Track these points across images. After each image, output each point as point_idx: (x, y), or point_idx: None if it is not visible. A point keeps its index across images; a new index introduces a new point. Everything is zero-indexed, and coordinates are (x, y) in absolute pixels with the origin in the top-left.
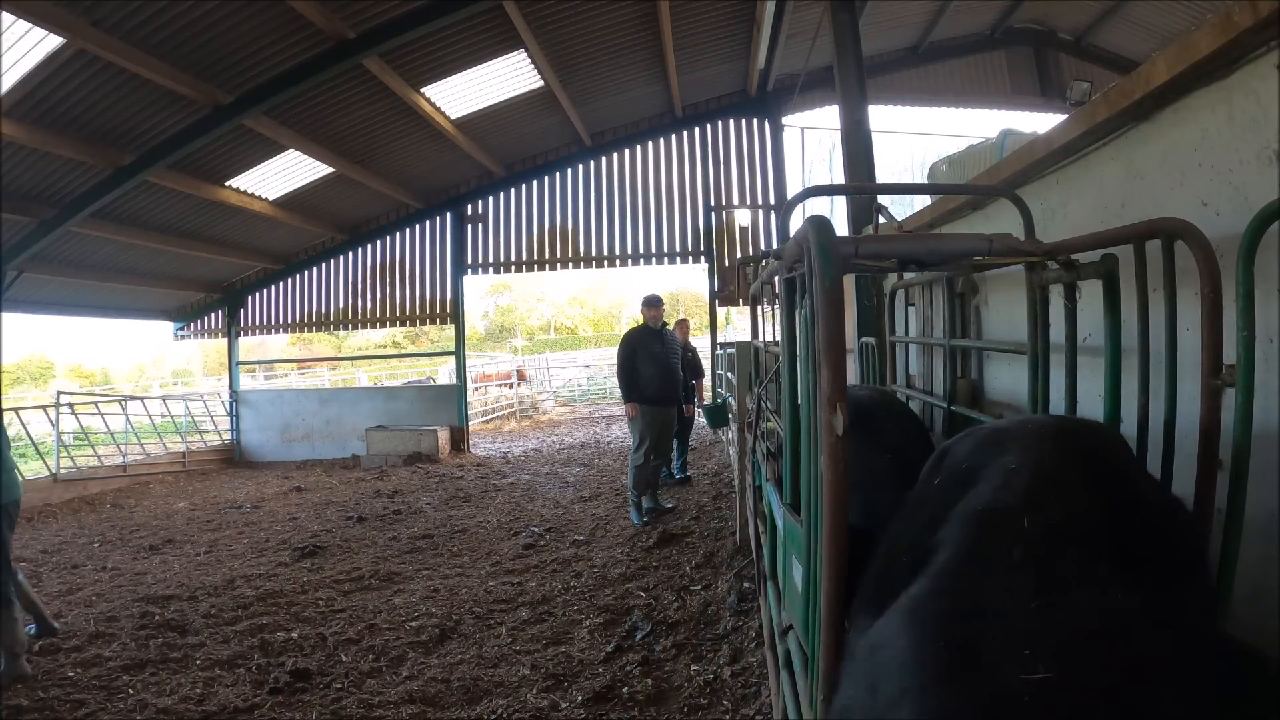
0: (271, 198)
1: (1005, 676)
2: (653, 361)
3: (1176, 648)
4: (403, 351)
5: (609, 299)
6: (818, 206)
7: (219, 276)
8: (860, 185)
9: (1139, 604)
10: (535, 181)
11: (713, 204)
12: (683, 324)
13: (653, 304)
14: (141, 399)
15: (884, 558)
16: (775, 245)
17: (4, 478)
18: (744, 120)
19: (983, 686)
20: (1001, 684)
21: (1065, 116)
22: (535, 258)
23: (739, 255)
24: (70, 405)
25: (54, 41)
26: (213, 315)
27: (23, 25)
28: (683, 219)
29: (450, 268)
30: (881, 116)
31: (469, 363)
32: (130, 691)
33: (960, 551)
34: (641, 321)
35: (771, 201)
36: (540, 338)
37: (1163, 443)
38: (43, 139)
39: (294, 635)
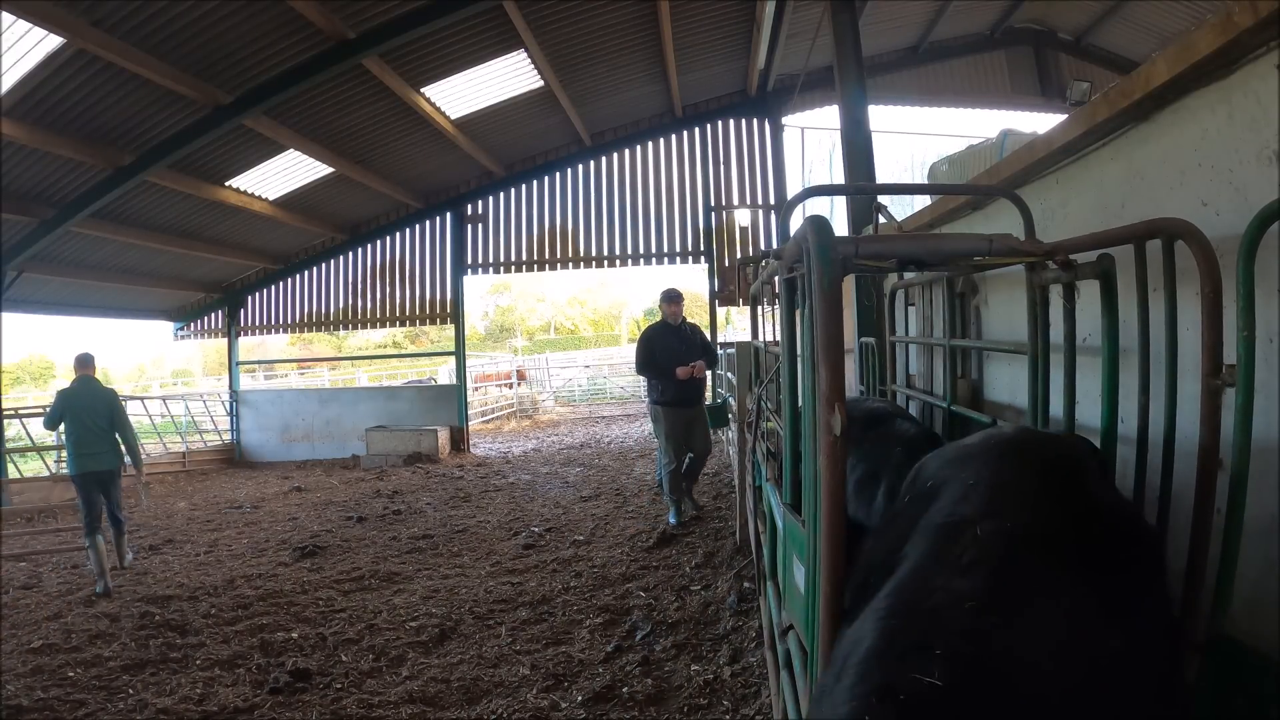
0: (271, 198)
1: (927, 669)
2: (671, 360)
3: (1124, 651)
4: (403, 351)
5: (609, 299)
6: (818, 206)
7: (219, 276)
8: (860, 185)
9: (1089, 607)
10: (535, 181)
11: (713, 204)
12: None
13: (671, 299)
14: (141, 399)
15: (861, 572)
16: (775, 245)
17: (72, 456)
18: (744, 120)
19: (905, 674)
20: (917, 674)
21: (1065, 116)
22: (535, 258)
23: (739, 255)
24: None
25: (54, 41)
26: (213, 315)
27: (23, 25)
28: (683, 219)
29: (450, 268)
30: (881, 116)
31: (469, 363)
32: (130, 691)
33: (919, 559)
34: (660, 317)
35: (771, 201)
36: (540, 338)
37: (1163, 443)
38: (43, 139)
39: (294, 635)
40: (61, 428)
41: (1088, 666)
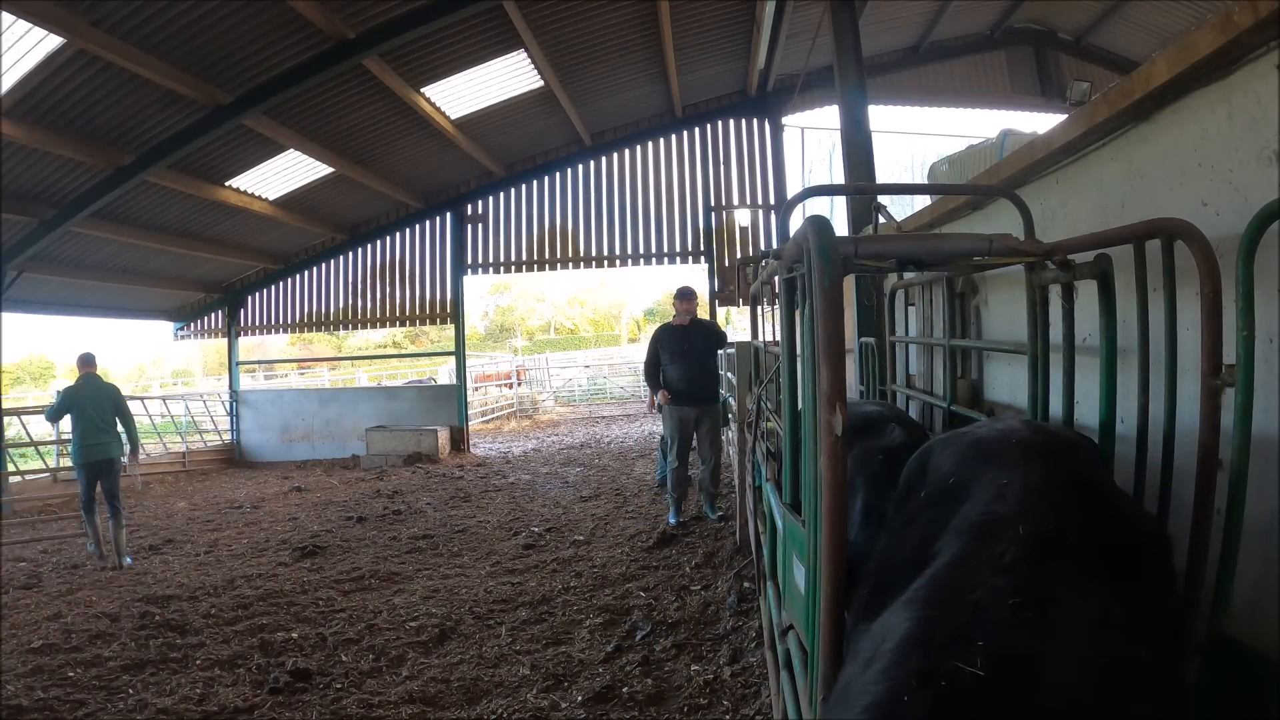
0: (271, 198)
1: (967, 659)
2: (675, 359)
3: (1147, 652)
4: (403, 351)
5: (609, 299)
6: (818, 206)
7: (219, 276)
8: (860, 185)
9: (1116, 610)
10: (535, 181)
11: (713, 204)
12: None
13: (681, 296)
14: (141, 399)
15: (879, 573)
16: (775, 245)
17: (78, 446)
18: (744, 120)
19: (946, 661)
20: (956, 665)
21: (1065, 116)
22: (535, 258)
23: (739, 255)
24: None
25: (54, 41)
26: (213, 315)
27: (23, 25)
28: (683, 219)
29: (450, 268)
30: (881, 116)
31: (469, 363)
32: (130, 691)
33: (957, 555)
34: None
35: (771, 201)
36: (540, 338)
37: (1162, 442)
38: (43, 139)
39: (294, 635)
40: (64, 422)
41: (1115, 669)
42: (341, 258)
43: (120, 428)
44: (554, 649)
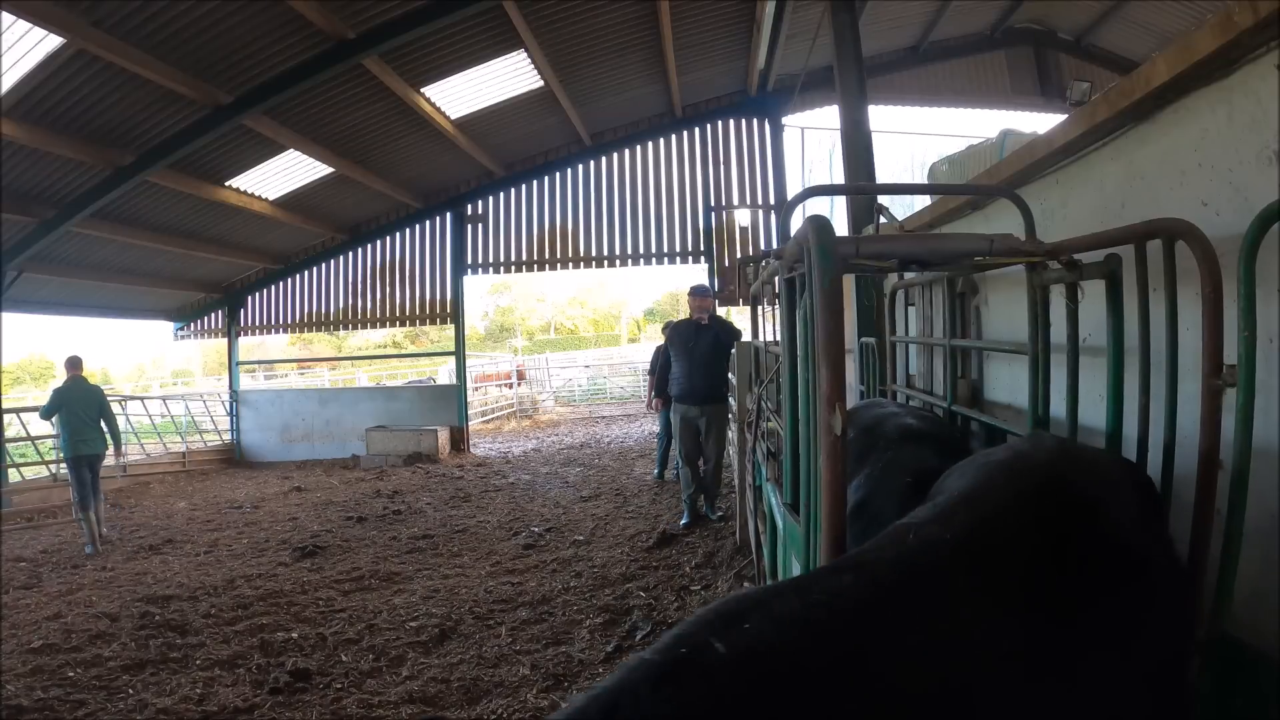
0: (271, 198)
1: (725, 637)
2: (680, 356)
3: (1053, 682)
4: (403, 351)
5: (609, 299)
6: (818, 206)
7: (219, 276)
8: (860, 185)
9: (1007, 635)
10: (535, 181)
11: (713, 204)
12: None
13: (695, 293)
14: (141, 399)
15: None
16: (775, 245)
17: (66, 442)
18: (744, 120)
19: (697, 636)
20: (708, 639)
21: (1065, 116)
22: (535, 258)
23: (739, 255)
24: None
25: (54, 41)
26: (213, 315)
27: (23, 25)
28: (683, 219)
29: (450, 268)
30: (881, 116)
31: (469, 363)
32: (130, 691)
33: (850, 557)
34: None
35: (771, 201)
36: (540, 338)
37: (1163, 443)
38: (43, 139)
39: (294, 635)
40: (55, 418)
41: (984, 685)
42: (341, 258)
43: (105, 427)
44: (554, 649)
